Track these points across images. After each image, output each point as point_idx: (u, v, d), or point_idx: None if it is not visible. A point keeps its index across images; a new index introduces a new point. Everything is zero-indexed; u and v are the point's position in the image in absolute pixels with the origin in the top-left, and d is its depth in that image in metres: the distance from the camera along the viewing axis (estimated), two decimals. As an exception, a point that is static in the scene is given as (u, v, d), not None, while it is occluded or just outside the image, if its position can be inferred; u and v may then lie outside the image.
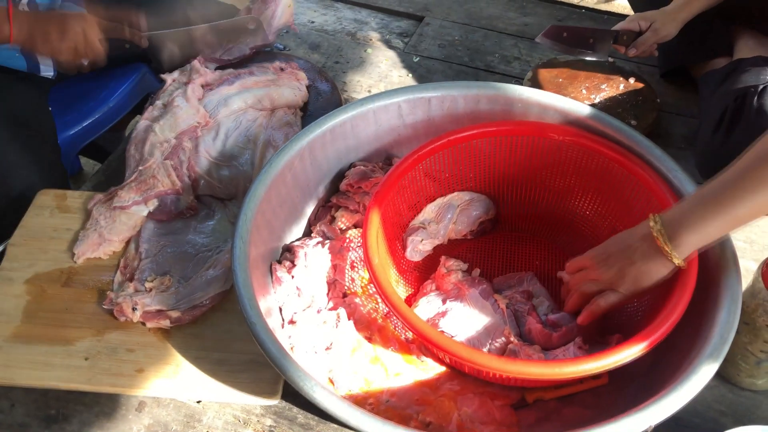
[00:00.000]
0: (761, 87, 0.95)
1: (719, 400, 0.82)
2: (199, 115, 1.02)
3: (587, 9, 1.49)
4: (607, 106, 1.14)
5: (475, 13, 1.46)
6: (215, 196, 0.99)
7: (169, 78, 1.11)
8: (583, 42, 1.16)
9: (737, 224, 0.67)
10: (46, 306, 0.88)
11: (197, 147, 1.00)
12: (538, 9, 1.47)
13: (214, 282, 0.87)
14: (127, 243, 0.96)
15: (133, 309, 0.85)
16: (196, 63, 1.13)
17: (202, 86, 1.09)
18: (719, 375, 0.82)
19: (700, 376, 0.65)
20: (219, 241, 0.94)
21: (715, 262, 0.74)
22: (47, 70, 1.14)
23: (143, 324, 0.86)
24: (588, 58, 1.17)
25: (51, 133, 1.15)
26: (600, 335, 0.81)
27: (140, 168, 0.97)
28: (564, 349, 0.78)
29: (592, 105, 1.13)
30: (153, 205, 0.95)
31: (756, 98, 0.93)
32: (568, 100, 0.91)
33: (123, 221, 0.94)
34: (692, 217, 0.68)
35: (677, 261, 0.69)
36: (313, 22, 1.43)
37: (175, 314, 0.85)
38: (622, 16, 1.46)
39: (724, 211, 0.66)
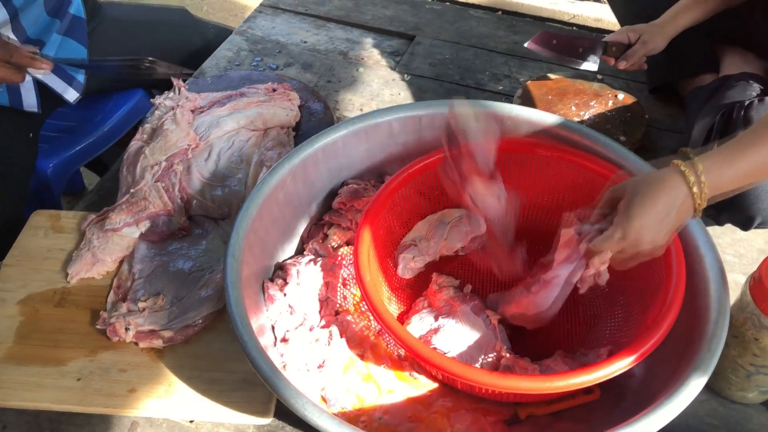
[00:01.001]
0: (747, 102, 0.96)
1: (711, 413, 0.82)
2: (189, 138, 1.03)
3: (577, 26, 1.51)
4: (596, 123, 1.15)
5: (466, 32, 1.48)
6: (208, 216, 1.00)
7: (156, 101, 1.12)
8: (572, 51, 1.17)
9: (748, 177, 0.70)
10: (39, 326, 0.88)
11: (189, 168, 1.01)
12: (528, 27, 1.49)
13: (207, 301, 0.88)
14: (121, 263, 0.96)
15: (126, 329, 0.85)
16: (183, 89, 1.14)
17: (192, 111, 1.10)
18: (710, 389, 0.83)
19: (690, 390, 0.65)
20: (212, 260, 0.94)
21: (704, 276, 0.75)
22: (31, 106, 1.14)
23: (136, 344, 0.86)
24: (576, 67, 1.18)
25: (20, 170, 1.13)
26: (590, 348, 0.82)
27: (132, 190, 0.98)
28: (553, 362, 0.78)
29: (582, 122, 1.14)
30: (144, 226, 0.96)
31: (743, 113, 0.94)
32: (558, 117, 0.92)
33: (116, 242, 0.95)
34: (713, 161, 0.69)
35: (699, 205, 0.69)
36: (305, 42, 1.45)
37: (167, 334, 0.85)
38: (612, 32, 1.49)
39: (738, 160, 0.69)
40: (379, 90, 1.32)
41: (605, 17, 1.54)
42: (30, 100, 1.13)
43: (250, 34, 1.46)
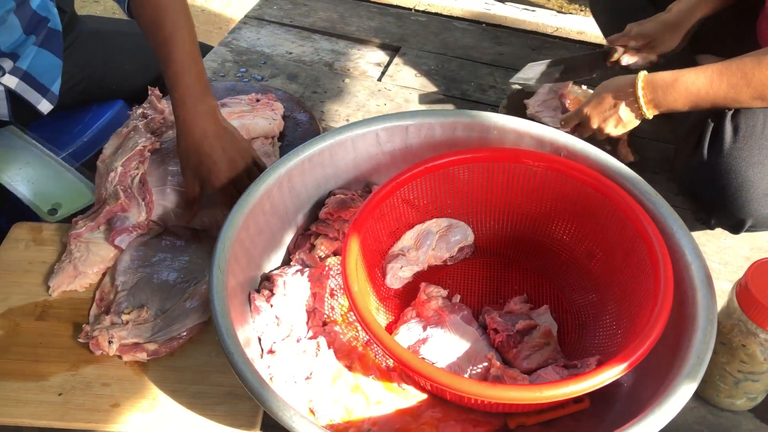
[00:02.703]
0: (734, 109, 0.97)
1: (700, 421, 0.82)
2: (143, 140, 1.01)
3: (561, 39, 1.53)
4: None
5: (451, 43, 1.48)
6: (189, 227, 0.99)
7: (132, 113, 1.11)
8: (577, 71, 1.19)
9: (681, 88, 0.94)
10: (20, 340, 0.87)
11: (165, 179, 0.99)
12: (512, 38, 1.51)
13: (192, 313, 0.86)
14: (103, 275, 0.94)
15: (110, 342, 0.83)
16: (153, 98, 1.11)
17: (163, 120, 1.09)
18: (699, 396, 0.83)
19: (679, 397, 0.65)
20: (196, 272, 0.93)
21: (691, 284, 0.75)
22: (2, 116, 1.12)
23: (119, 357, 0.84)
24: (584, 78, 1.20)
25: None
26: (578, 358, 0.81)
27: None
28: (544, 371, 0.78)
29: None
30: (105, 228, 0.95)
31: (731, 118, 0.95)
32: (543, 126, 0.92)
33: (96, 252, 0.94)
34: (669, 94, 0.95)
35: (647, 115, 0.98)
36: (290, 53, 1.44)
37: (152, 347, 0.84)
38: (596, 46, 1.50)
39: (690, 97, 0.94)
40: (365, 100, 1.32)
41: (588, 30, 1.56)
42: (1, 110, 1.11)
43: (235, 46, 1.46)
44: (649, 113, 0.97)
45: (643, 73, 0.96)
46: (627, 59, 1.14)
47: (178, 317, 0.86)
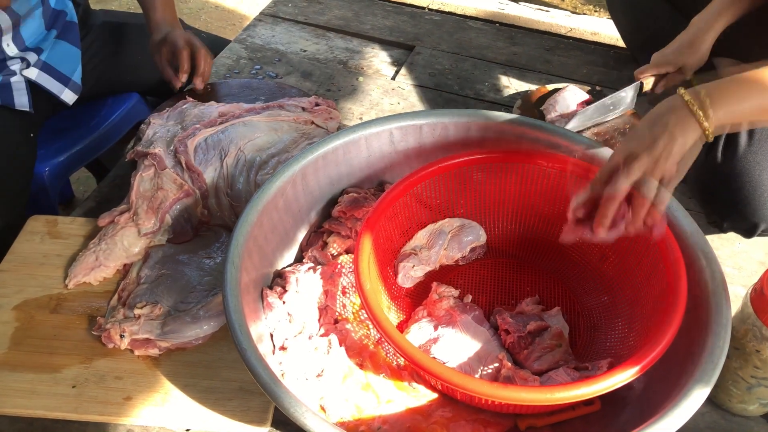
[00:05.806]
0: None
1: (711, 426, 0.82)
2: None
3: (575, 39, 1.52)
4: (596, 134, 1.15)
5: (465, 43, 1.48)
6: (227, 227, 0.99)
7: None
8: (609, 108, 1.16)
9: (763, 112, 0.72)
10: (34, 333, 0.87)
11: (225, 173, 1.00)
12: (527, 39, 1.50)
13: (205, 323, 0.86)
14: (129, 267, 0.95)
15: (121, 336, 0.84)
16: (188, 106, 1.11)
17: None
18: (711, 401, 0.83)
19: (692, 401, 0.65)
20: (218, 281, 0.92)
21: (705, 288, 0.75)
22: (23, 105, 1.13)
23: (131, 351, 0.85)
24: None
25: (21, 170, 1.12)
26: (590, 360, 0.81)
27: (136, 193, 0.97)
28: (555, 373, 0.78)
29: (581, 132, 1.14)
30: (167, 225, 0.96)
31: None
32: (557, 127, 0.92)
33: (123, 246, 0.94)
34: (725, 92, 0.71)
35: (707, 124, 0.70)
36: (305, 51, 1.45)
37: (164, 344, 0.84)
38: (610, 47, 1.50)
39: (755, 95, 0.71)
40: (378, 99, 1.32)
41: (602, 31, 1.55)
42: (21, 100, 1.12)
43: (250, 42, 1.46)
44: (709, 124, 0.71)
45: (681, 89, 0.74)
46: (660, 88, 1.10)
47: (190, 324, 0.86)
